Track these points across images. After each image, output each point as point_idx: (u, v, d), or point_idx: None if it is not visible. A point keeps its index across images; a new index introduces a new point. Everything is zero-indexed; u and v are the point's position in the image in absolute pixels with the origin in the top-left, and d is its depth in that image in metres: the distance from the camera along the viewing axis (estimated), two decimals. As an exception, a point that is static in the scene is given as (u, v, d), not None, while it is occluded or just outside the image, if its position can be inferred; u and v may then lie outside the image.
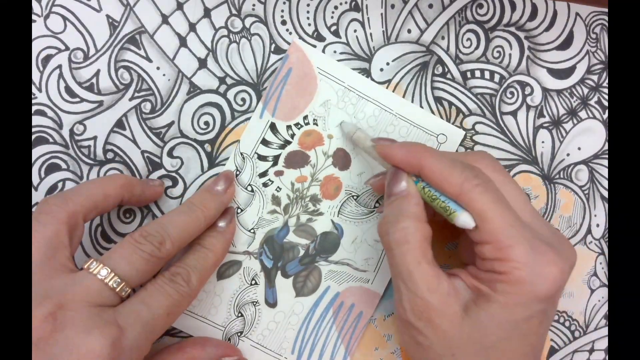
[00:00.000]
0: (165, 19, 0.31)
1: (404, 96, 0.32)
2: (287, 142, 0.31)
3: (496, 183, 0.25)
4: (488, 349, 0.24)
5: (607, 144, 0.34)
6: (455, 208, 0.24)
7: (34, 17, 0.30)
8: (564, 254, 0.24)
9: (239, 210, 0.31)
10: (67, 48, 0.30)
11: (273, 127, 0.31)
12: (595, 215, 0.34)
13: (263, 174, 0.31)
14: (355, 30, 0.32)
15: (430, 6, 0.32)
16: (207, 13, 0.31)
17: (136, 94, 0.31)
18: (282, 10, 0.31)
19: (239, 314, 0.31)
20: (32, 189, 0.30)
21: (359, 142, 0.30)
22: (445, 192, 0.25)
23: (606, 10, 0.34)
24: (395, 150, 0.27)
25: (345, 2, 0.32)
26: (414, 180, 0.26)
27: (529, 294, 0.23)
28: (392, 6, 0.32)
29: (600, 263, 0.34)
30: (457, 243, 0.32)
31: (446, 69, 0.32)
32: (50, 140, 0.30)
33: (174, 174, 0.31)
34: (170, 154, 0.31)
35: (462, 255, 0.30)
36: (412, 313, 0.24)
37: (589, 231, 0.34)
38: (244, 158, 0.31)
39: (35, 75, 0.30)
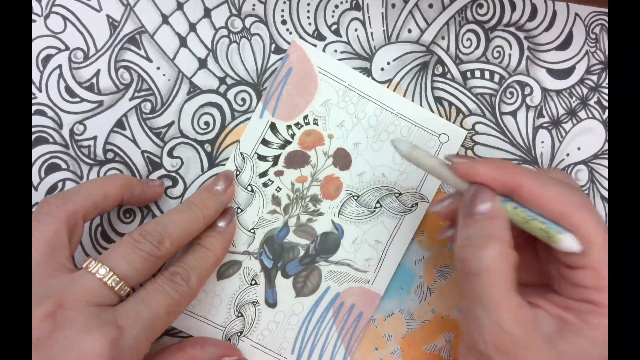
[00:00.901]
0: (165, 19, 0.31)
1: (404, 96, 0.32)
2: (287, 142, 0.31)
3: None
4: None
5: (606, 144, 0.34)
6: (558, 230, 0.22)
7: (34, 17, 0.30)
8: None
9: (239, 210, 0.31)
10: (67, 48, 0.30)
11: (273, 127, 0.31)
12: (595, 215, 0.34)
13: (263, 174, 0.31)
14: (356, 30, 0.32)
15: (431, 6, 0.32)
16: (207, 13, 0.31)
17: (136, 94, 0.31)
18: (282, 10, 0.31)
19: (239, 314, 0.31)
20: (32, 189, 0.30)
21: (419, 160, 0.25)
22: (546, 212, 0.23)
23: (605, 10, 0.34)
24: (484, 167, 0.24)
25: (346, 1, 0.32)
26: (500, 200, 0.24)
27: None
28: (393, 5, 0.32)
29: (600, 263, 0.34)
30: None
31: (446, 69, 0.32)
32: (50, 140, 0.30)
33: (174, 174, 0.31)
34: (170, 154, 0.31)
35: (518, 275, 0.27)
36: (494, 347, 0.22)
37: (589, 231, 0.34)
38: (244, 158, 0.31)
39: (35, 75, 0.30)
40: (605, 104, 0.34)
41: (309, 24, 0.32)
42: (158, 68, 0.31)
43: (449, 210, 0.27)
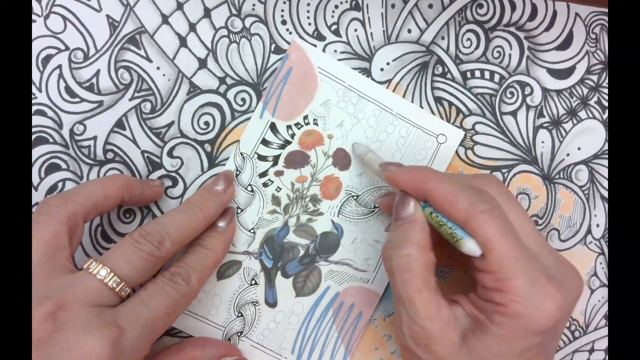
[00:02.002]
0: (165, 19, 0.31)
1: (404, 96, 0.32)
2: (287, 142, 0.31)
3: (502, 208, 0.24)
4: None
5: (607, 144, 0.34)
6: (462, 235, 0.24)
7: (34, 17, 0.30)
8: (567, 286, 0.24)
9: (239, 210, 0.31)
10: (67, 48, 0.30)
11: (273, 127, 0.31)
12: (595, 215, 0.34)
13: (263, 174, 0.31)
14: (355, 30, 0.32)
15: (430, 6, 0.32)
16: (207, 13, 0.31)
17: (136, 94, 0.31)
18: (282, 10, 0.31)
19: (239, 314, 0.31)
20: (32, 189, 0.30)
21: (369, 164, 0.30)
22: (451, 217, 0.24)
23: (606, 10, 0.34)
24: (401, 174, 0.26)
25: (346, 1, 0.32)
26: (422, 205, 0.26)
27: (526, 328, 0.23)
28: (393, 6, 0.32)
29: (600, 263, 0.34)
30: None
31: (446, 69, 0.32)
32: (50, 140, 0.30)
33: (174, 174, 0.31)
34: (170, 154, 0.31)
35: (472, 275, 0.29)
36: (411, 339, 0.24)
37: (589, 231, 0.34)
38: (244, 158, 0.31)
39: (35, 75, 0.30)
40: (606, 104, 0.34)
41: (309, 24, 0.32)
42: (158, 68, 0.31)
43: (387, 205, 0.30)
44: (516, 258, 0.23)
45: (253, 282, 0.31)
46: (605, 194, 0.34)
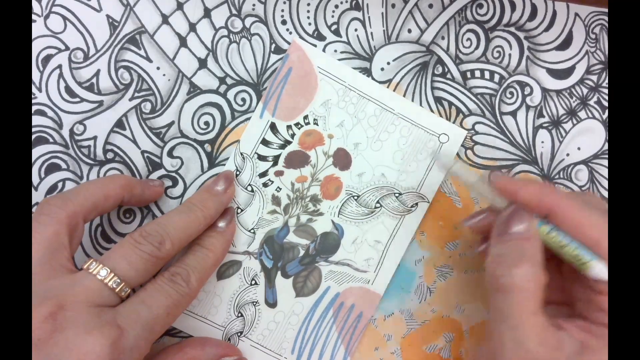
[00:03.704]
0: (165, 19, 0.31)
1: (404, 96, 0.32)
2: (288, 142, 0.31)
3: None
4: None
5: (606, 144, 0.34)
6: (590, 257, 0.23)
7: (34, 17, 0.30)
8: None
9: (239, 210, 0.31)
10: (67, 48, 0.30)
11: (273, 127, 0.31)
12: (595, 215, 0.34)
13: (263, 174, 0.31)
14: (356, 30, 0.32)
15: (431, 6, 0.32)
16: (207, 13, 0.31)
17: (136, 94, 0.31)
18: (282, 10, 0.31)
19: (239, 314, 0.31)
20: (32, 189, 0.30)
21: (459, 174, 0.27)
22: (581, 238, 0.23)
23: (605, 10, 0.34)
24: (523, 187, 0.24)
25: (346, 1, 0.32)
26: (538, 222, 0.24)
27: None
28: (393, 5, 0.32)
29: (600, 263, 0.34)
30: (458, 242, 0.32)
31: (446, 69, 0.32)
32: (50, 140, 0.30)
33: (174, 174, 0.31)
34: (170, 154, 0.31)
35: (583, 296, 0.26)
36: None
37: (588, 231, 0.34)
38: (244, 158, 0.31)
39: (35, 75, 0.30)
40: (605, 104, 0.34)
41: (309, 24, 0.32)
42: (158, 68, 0.31)
43: (481, 225, 0.27)
44: None
45: (253, 282, 0.31)
46: (605, 194, 0.34)
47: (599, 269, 0.23)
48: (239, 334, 0.31)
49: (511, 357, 0.23)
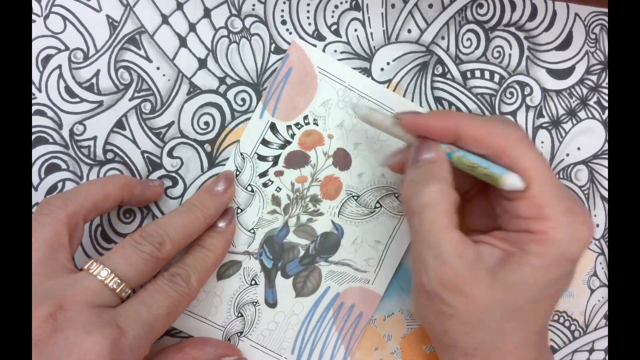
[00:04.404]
0: (165, 19, 0.31)
1: (404, 96, 0.32)
2: (287, 142, 0.31)
3: None
4: (515, 311, 0.23)
5: (606, 144, 0.34)
6: (501, 172, 0.23)
7: (34, 17, 0.30)
8: (589, 214, 0.24)
9: (239, 211, 0.31)
10: (67, 48, 0.30)
11: (273, 127, 0.31)
12: (595, 215, 0.34)
13: (263, 174, 0.31)
14: (355, 30, 0.32)
15: (430, 6, 0.32)
16: (207, 13, 0.31)
17: (136, 94, 0.31)
18: (282, 10, 0.31)
19: (239, 314, 0.31)
20: (32, 189, 0.30)
21: (377, 123, 0.27)
22: (488, 150, 0.24)
23: (605, 10, 0.34)
24: (426, 117, 0.25)
25: (346, 1, 0.32)
26: (447, 152, 0.25)
27: (562, 255, 0.23)
28: (393, 6, 0.32)
29: (600, 263, 0.34)
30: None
31: (446, 69, 0.32)
32: (50, 140, 0.30)
33: (174, 174, 0.31)
34: (170, 154, 0.31)
35: (471, 221, 0.29)
36: (437, 282, 0.23)
37: (588, 231, 0.34)
38: (244, 158, 0.31)
39: (35, 75, 0.30)
40: (605, 104, 0.34)
41: (309, 24, 0.32)
42: (158, 68, 0.31)
43: (399, 163, 0.28)
44: (554, 186, 0.23)
45: (253, 282, 0.31)
46: (605, 194, 0.34)
47: (510, 181, 0.23)
48: (239, 334, 0.31)
49: (434, 276, 0.23)
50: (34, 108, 0.30)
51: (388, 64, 0.32)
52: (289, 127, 0.31)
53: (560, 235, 0.23)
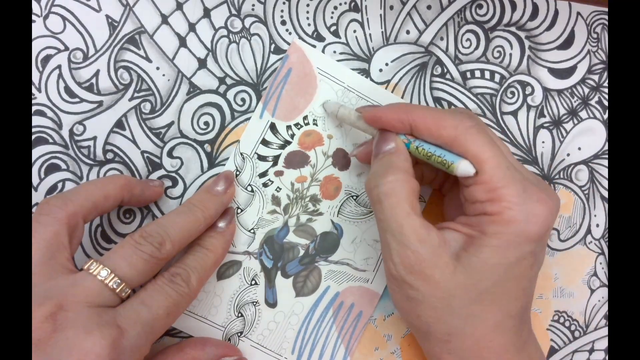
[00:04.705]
0: (164, 19, 0.31)
1: (402, 97, 0.32)
2: (287, 142, 0.31)
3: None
4: (482, 294, 0.24)
5: (607, 144, 0.34)
6: (453, 159, 0.24)
7: (33, 17, 0.30)
8: (551, 195, 0.25)
9: (239, 211, 0.31)
10: (66, 48, 0.30)
11: (273, 127, 0.31)
12: (595, 216, 0.34)
13: (263, 174, 0.31)
14: (354, 31, 0.32)
15: (429, 7, 0.32)
16: (206, 13, 0.31)
17: (136, 94, 0.31)
18: (282, 11, 0.31)
19: (239, 314, 0.31)
20: (32, 189, 0.30)
21: (344, 118, 0.30)
22: (440, 139, 0.25)
23: (607, 9, 0.33)
24: (383, 111, 0.27)
25: (345, 3, 0.32)
26: (405, 142, 0.26)
27: (520, 234, 0.23)
28: (391, 7, 0.32)
29: (600, 263, 0.34)
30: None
31: (445, 70, 0.32)
32: (50, 140, 0.30)
33: (173, 174, 0.31)
34: (170, 154, 0.31)
35: (448, 213, 0.30)
36: (402, 267, 0.24)
37: (588, 231, 0.34)
38: (243, 158, 0.31)
39: (35, 76, 0.30)
40: (606, 103, 0.34)
41: (308, 24, 0.32)
42: (158, 68, 0.31)
43: (365, 153, 0.29)
44: (507, 167, 0.24)
45: (253, 282, 0.31)
46: (605, 194, 0.34)
47: (462, 167, 0.24)
48: (239, 334, 0.31)
49: (399, 262, 0.24)
50: (33, 108, 0.30)
51: (387, 64, 0.32)
52: (288, 127, 0.31)
53: (516, 215, 0.23)
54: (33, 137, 0.30)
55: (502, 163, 0.24)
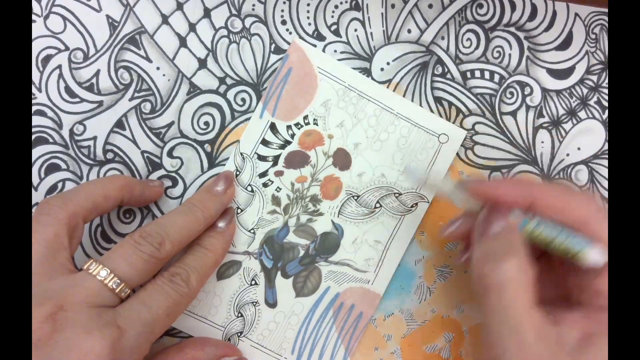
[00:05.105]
0: (165, 19, 0.31)
1: (404, 96, 0.32)
2: (287, 142, 0.31)
3: None
4: None
5: (606, 144, 0.34)
6: (580, 246, 0.22)
7: (34, 17, 0.30)
8: None
9: (239, 211, 0.31)
10: (67, 48, 0.30)
11: (273, 127, 0.31)
12: (595, 215, 0.34)
13: (263, 174, 0.31)
14: (355, 30, 0.32)
15: (430, 6, 0.32)
16: (207, 13, 0.31)
17: (136, 94, 0.31)
18: (282, 10, 0.31)
19: (239, 314, 0.31)
20: (32, 189, 0.30)
21: (434, 186, 0.27)
22: (567, 220, 0.23)
23: (605, 10, 0.34)
24: (499, 186, 0.24)
25: (346, 2, 0.32)
26: (519, 223, 0.24)
27: None
28: (393, 6, 0.32)
29: (600, 263, 0.34)
30: (458, 242, 0.32)
31: (446, 69, 0.32)
32: (50, 140, 0.30)
33: (173, 174, 0.31)
34: (170, 154, 0.31)
35: (574, 284, 0.26)
36: None
37: (588, 231, 0.34)
38: (243, 158, 0.31)
39: (35, 75, 0.30)
40: (605, 104, 0.34)
41: (309, 24, 0.32)
42: (158, 68, 0.31)
43: (460, 232, 0.27)
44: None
45: (253, 282, 0.31)
46: (605, 194, 0.34)
47: (592, 256, 0.22)
48: (239, 334, 0.31)
49: (513, 359, 0.22)
50: (34, 108, 0.30)
51: (388, 64, 0.32)
52: (288, 127, 0.31)
53: None
54: (33, 137, 0.30)
55: None
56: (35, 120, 0.30)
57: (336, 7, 0.32)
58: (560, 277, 0.26)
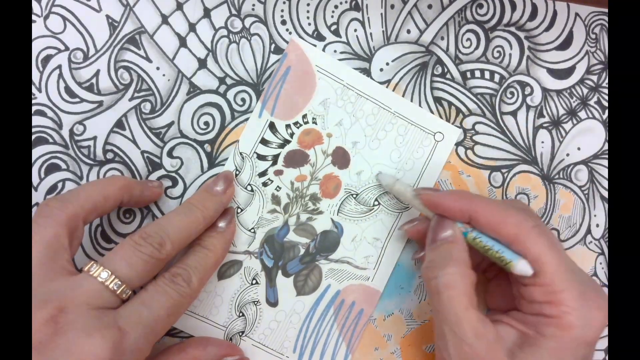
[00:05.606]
0: (165, 19, 0.31)
1: (403, 96, 0.32)
2: (287, 141, 0.31)
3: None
4: None
5: (606, 144, 0.34)
6: (511, 257, 0.25)
7: (34, 17, 0.30)
8: (605, 297, 0.25)
9: (239, 210, 0.31)
10: (67, 48, 0.30)
11: (272, 127, 0.31)
12: (595, 215, 0.34)
13: (263, 174, 0.31)
14: (355, 30, 0.32)
15: (430, 7, 0.32)
16: (206, 13, 0.31)
17: (136, 94, 0.31)
18: (282, 10, 0.31)
19: (240, 314, 0.31)
20: (32, 190, 0.30)
21: (399, 194, 0.30)
22: (500, 236, 0.25)
23: (606, 10, 0.34)
24: (443, 197, 0.27)
25: (345, 2, 0.32)
26: (462, 231, 0.27)
27: (577, 339, 0.24)
28: (392, 6, 0.32)
29: (600, 263, 0.34)
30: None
31: (446, 69, 0.32)
32: (50, 140, 0.30)
33: (173, 174, 0.31)
34: (170, 154, 0.31)
35: (491, 300, 0.30)
36: None
37: (588, 231, 0.34)
38: (243, 158, 0.31)
39: (35, 76, 0.30)
40: (605, 104, 0.34)
41: (309, 24, 0.32)
42: (158, 68, 0.31)
43: (415, 231, 0.30)
44: (566, 271, 0.24)
45: (254, 281, 0.31)
46: (605, 194, 0.34)
47: (520, 267, 0.24)
48: (240, 334, 0.31)
49: (454, 354, 0.24)
50: (34, 108, 0.30)
51: (387, 64, 0.32)
52: (287, 126, 0.31)
53: (575, 320, 0.24)
54: (33, 137, 0.30)
55: (562, 267, 0.24)
56: (35, 120, 0.30)
57: (336, 7, 0.32)
58: (509, 287, 0.28)
